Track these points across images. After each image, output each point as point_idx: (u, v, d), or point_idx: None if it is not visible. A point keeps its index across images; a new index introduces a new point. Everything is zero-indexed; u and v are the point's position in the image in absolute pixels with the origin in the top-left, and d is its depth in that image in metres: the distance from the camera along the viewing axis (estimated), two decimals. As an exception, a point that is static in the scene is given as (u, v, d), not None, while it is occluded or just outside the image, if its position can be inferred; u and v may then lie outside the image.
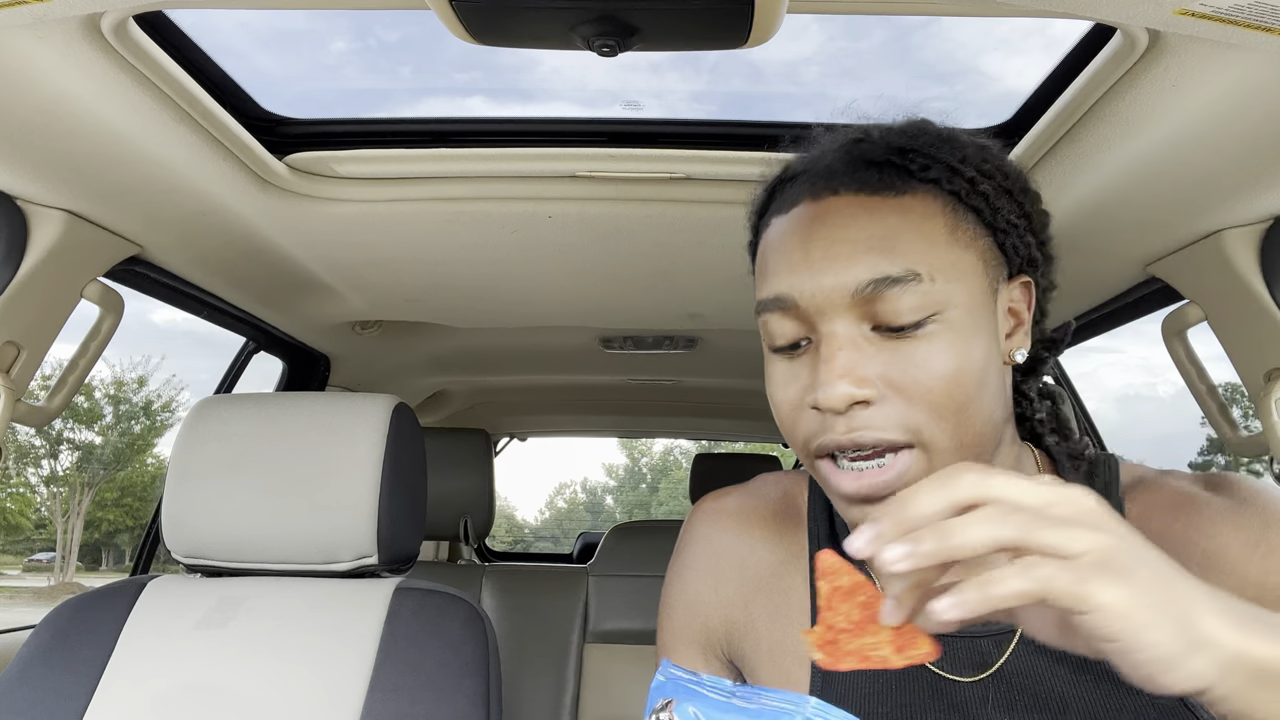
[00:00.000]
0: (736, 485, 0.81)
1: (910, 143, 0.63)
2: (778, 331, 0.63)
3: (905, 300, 0.58)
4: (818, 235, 0.61)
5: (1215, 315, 1.17)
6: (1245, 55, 0.74)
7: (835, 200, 0.62)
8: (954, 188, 0.62)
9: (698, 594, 0.76)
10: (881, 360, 0.59)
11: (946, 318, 0.59)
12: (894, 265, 0.58)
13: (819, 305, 0.60)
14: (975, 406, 0.59)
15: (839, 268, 0.59)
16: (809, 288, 0.60)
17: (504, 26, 0.74)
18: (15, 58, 0.80)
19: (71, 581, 20.50)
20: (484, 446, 2.26)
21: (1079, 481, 0.68)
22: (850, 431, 0.58)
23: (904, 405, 0.58)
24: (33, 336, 1.17)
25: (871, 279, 0.58)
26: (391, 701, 1.04)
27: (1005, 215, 0.63)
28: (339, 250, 1.38)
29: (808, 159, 0.67)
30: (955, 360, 0.58)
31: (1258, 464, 1.88)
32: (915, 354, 0.58)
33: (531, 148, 1.12)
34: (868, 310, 0.59)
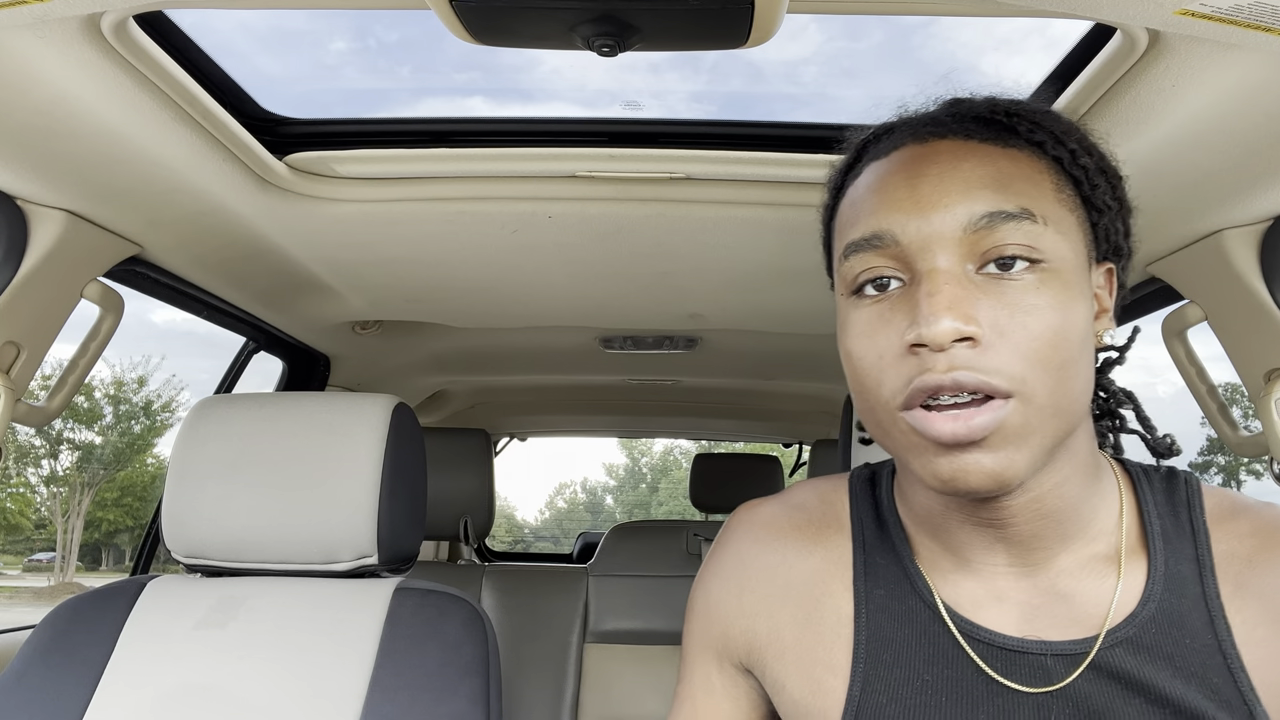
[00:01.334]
0: (772, 495, 0.78)
1: (1013, 106, 0.61)
2: (869, 272, 0.59)
3: (1017, 236, 0.55)
4: (926, 172, 0.58)
5: (1215, 315, 1.17)
6: (1245, 55, 0.74)
7: (943, 143, 0.60)
8: (1057, 154, 0.60)
9: (719, 601, 0.74)
10: (988, 303, 0.55)
11: (1054, 269, 0.56)
12: (1008, 202, 0.56)
13: (924, 241, 0.57)
14: (1075, 369, 0.56)
15: (950, 202, 0.56)
16: (914, 223, 0.57)
17: (504, 26, 0.74)
18: (15, 58, 0.80)
19: (71, 581, 20.49)
20: (484, 446, 2.26)
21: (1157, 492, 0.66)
22: (952, 370, 0.54)
23: (1009, 352, 0.54)
24: (33, 336, 1.17)
25: (987, 212, 0.56)
26: (391, 701, 1.04)
27: (1102, 194, 0.61)
28: (339, 250, 1.38)
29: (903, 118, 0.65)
30: (1061, 314, 0.55)
31: (1258, 464, 1.87)
32: (1023, 299, 0.55)
33: (531, 148, 1.12)
34: (975, 249, 0.56)
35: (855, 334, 0.60)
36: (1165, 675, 0.59)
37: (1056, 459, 0.59)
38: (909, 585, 0.66)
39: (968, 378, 0.54)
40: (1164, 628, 0.60)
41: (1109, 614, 0.61)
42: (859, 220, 0.61)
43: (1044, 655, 0.61)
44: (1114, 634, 0.60)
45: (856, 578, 0.68)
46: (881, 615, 0.66)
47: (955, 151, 0.59)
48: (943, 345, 0.54)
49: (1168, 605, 0.60)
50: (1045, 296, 0.55)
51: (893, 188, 0.59)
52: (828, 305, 1.89)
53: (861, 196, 0.62)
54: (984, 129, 0.60)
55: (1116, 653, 0.59)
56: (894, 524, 0.70)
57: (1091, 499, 0.63)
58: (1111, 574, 0.62)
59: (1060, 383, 0.55)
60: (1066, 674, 0.60)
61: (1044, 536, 0.62)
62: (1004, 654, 0.61)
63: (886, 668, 0.64)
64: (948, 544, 0.65)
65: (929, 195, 0.57)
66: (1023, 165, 0.59)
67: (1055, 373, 0.55)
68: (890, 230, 0.58)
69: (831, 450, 2.31)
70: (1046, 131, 0.60)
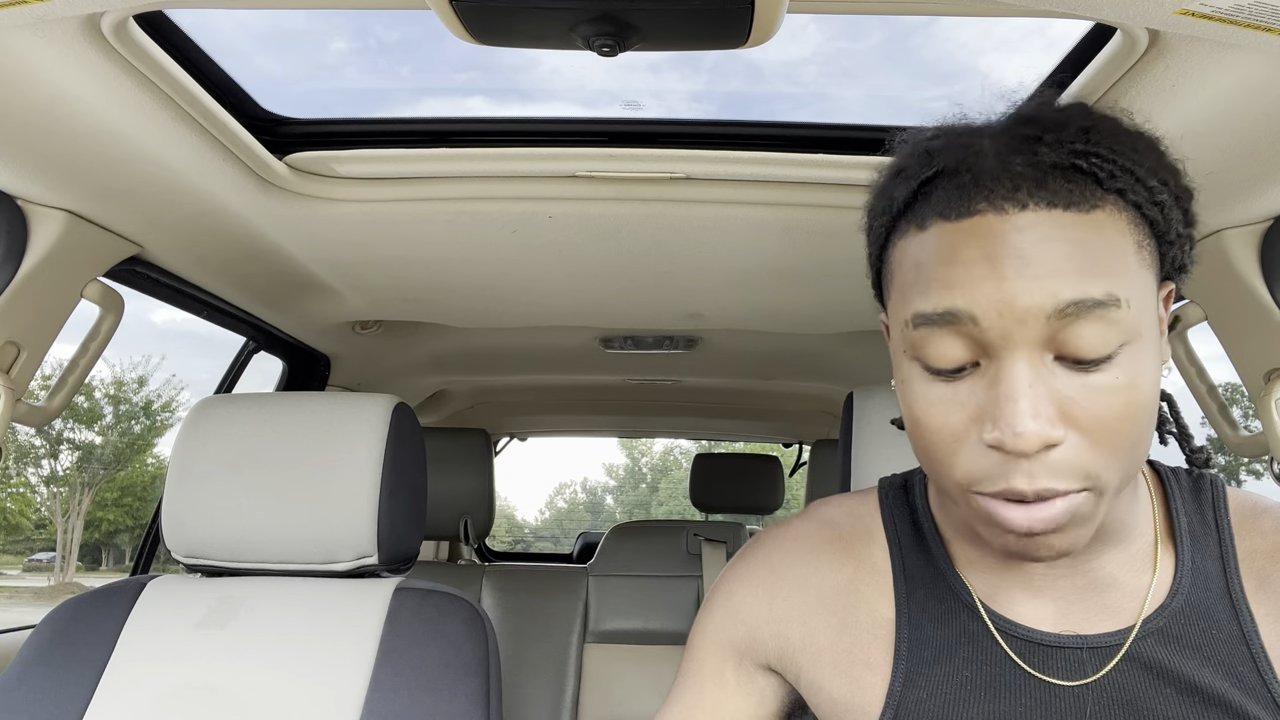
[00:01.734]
0: (796, 515, 0.78)
1: (1089, 144, 0.56)
2: (940, 352, 0.56)
3: (1100, 328, 0.53)
4: (1008, 250, 0.54)
5: (1215, 315, 1.17)
6: (1245, 55, 0.74)
7: (1024, 216, 0.54)
8: (1137, 198, 0.56)
9: (745, 604, 0.74)
10: (1064, 396, 0.53)
11: (1134, 347, 0.54)
12: (1097, 287, 0.53)
13: (1006, 327, 0.53)
14: (1146, 438, 0.56)
15: (1037, 286, 0.53)
16: (997, 305, 0.53)
17: (504, 26, 0.74)
18: (15, 58, 0.80)
19: (71, 581, 20.48)
20: (484, 446, 2.26)
21: (1185, 492, 0.68)
22: (1033, 479, 0.53)
23: (1087, 447, 0.53)
24: (33, 336, 1.17)
25: (1074, 299, 0.52)
26: (391, 701, 1.04)
27: (1176, 226, 0.58)
28: (339, 250, 1.38)
29: (970, 153, 0.58)
30: (1138, 394, 0.54)
31: (1258, 464, 1.86)
32: (1100, 388, 0.53)
33: (531, 148, 1.12)
34: (1055, 338, 0.53)
35: (927, 405, 0.58)
36: (1194, 664, 0.61)
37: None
38: (946, 585, 0.68)
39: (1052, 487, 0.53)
40: (1191, 619, 0.62)
41: (1143, 606, 0.63)
42: (930, 289, 0.56)
43: (1080, 649, 0.62)
44: (1147, 624, 0.62)
45: (896, 580, 0.69)
46: (922, 615, 0.67)
47: (1037, 227, 0.54)
48: (1029, 453, 0.52)
49: (1195, 598, 0.63)
50: (1124, 379, 0.53)
51: (969, 263, 0.55)
52: (829, 305, 1.90)
53: (931, 259, 0.57)
54: (1068, 186, 0.55)
55: (1149, 643, 0.62)
56: (930, 529, 0.71)
57: (1133, 508, 0.65)
58: (1146, 570, 0.64)
59: (1132, 461, 0.55)
60: (1101, 666, 0.62)
61: (1088, 547, 0.64)
62: (1041, 649, 0.63)
63: (927, 664, 0.65)
64: (987, 549, 0.67)
65: (1013, 277, 0.53)
66: (1106, 232, 0.54)
67: (1129, 453, 0.55)
68: (969, 310, 0.54)
69: (832, 450, 2.30)
70: (1126, 173, 0.56)
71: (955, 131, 0.60)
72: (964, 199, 0.56)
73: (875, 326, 1.76)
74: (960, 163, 0.57)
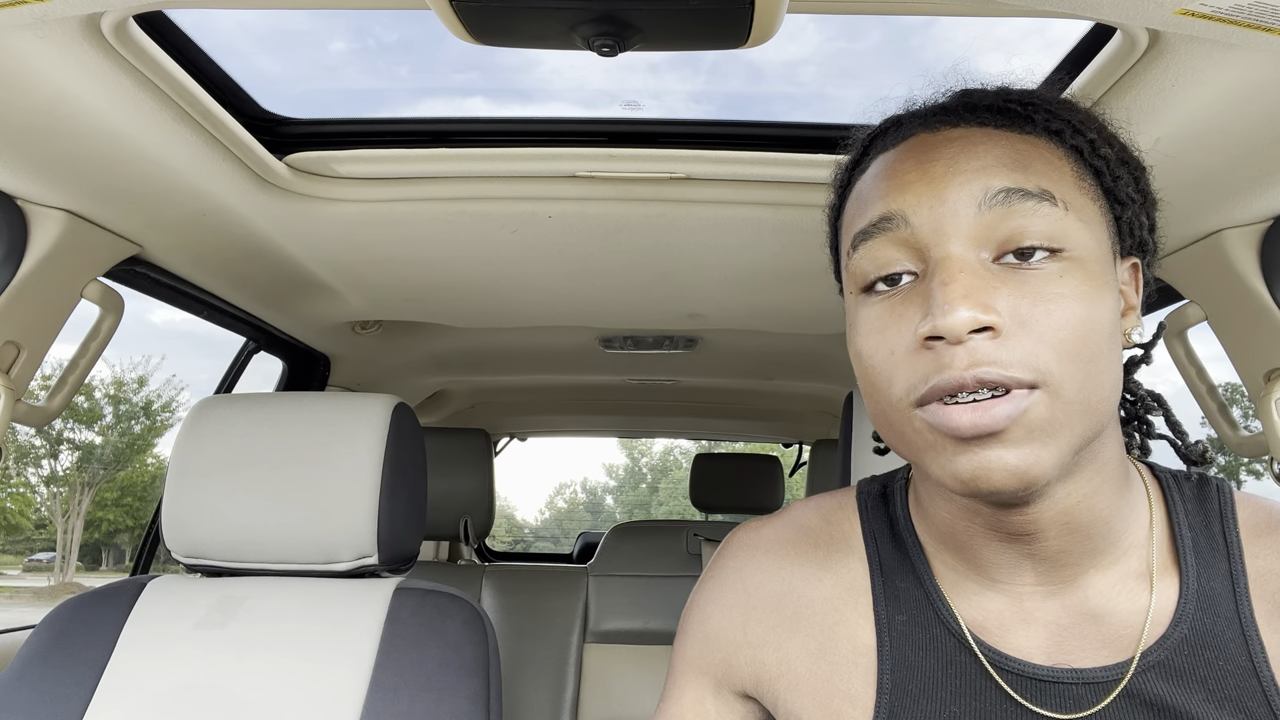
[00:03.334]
0: (771, 515, 0.74)
1: (1028, 96, 0.59)
2: (877, 257, 0.56)
3: (1037, 222, 0.52)
4: (939, 155, 0.55)
5: (1215, 315, 1.17)
6: (1245, 55, 0.74)
7: (956, 130, 0.57)
8: (1076, 144, 0.57)
9: (720, 628, 0.70)
10: (1007, 292, 0.52)
11: (1077, 258, 0.53)
12: (1027, 181, 0.53)
13: (936, 222, 0.53)
14: (1104, 364, 0.52)
15: (965, 180, 0.53)
16: (926, 203, 0.54)
17: (504, 26, 0.74)
18: (15, 58, 0.80)
19: (71, 581, 20.48)
20: (484, 446, 2.26)
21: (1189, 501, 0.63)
22: (973, 366, 0.50)
23: (1033, 342, 0.50)
24: (33, 336, 1.17)
25: (1003, 188, 0.52)
26: (391, 701, 1.04)
27: (1124, 186, 0.58)
28: (339, 250, 1.38)
29: (911, 111, 0.62)
30: (1087, 305, 0.52)
31: (1258, 464, 1.86)
32: (1046, 288, 0.51)
33: (531, 148, 1.12)
34: (991, 235, 0.53)
35: (865, 331, 0.57)
36: (1198, 700, 0.56)
37: (1085, 467, 0.56)
38: (932, 611, 0.63)
39: (990, 373, 0.50)
40: (1197, 650, 0.57)
41: (1142, 636, 0.58)
42: (867, 208, 0.58)
43: (1075, 684, 0.58)
44: (1146, 657, 0.57)
45: (876, 603, 0.64)
46: (905, 644, 0.62)
47: (969, 136, 0.56)
48: (960, 337, 0.50)
49: (1200, 626, 0.58)
50: (1069, 286, 0.52)
51: (903, 171, 0.56)
52: (828, 305, 1.90)
53: (869, 186, 0.59)
54: (998, 117, 0.58)
55: (1149, 678, 0.57)
56: (912, 543, 0.66)
57: (1122, 511, 0.60)
58: (1143, 592, 0.59)
59: (1089, 376, 0.52)
60: (1098, 701, 0.57)
61: (1073, 552, 0.58)
62: (1034, 684, 0.58)
63: (913, 699, 0.61)
64: (972, 561, 0.62)
65: (941, 174, 0.54)
66: (1041, 150, 0.56)
67: (1084, 366, 0.51)
68: (901, 211, 0.55)
69: (831, 450, 2.31)
70: (1064, 121, 0.58)
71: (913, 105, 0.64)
72: (900, 131, 0.60)
73: (875, 326, 1.76)
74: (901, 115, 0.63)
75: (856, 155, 0.65)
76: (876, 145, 0.63)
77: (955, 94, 0.62)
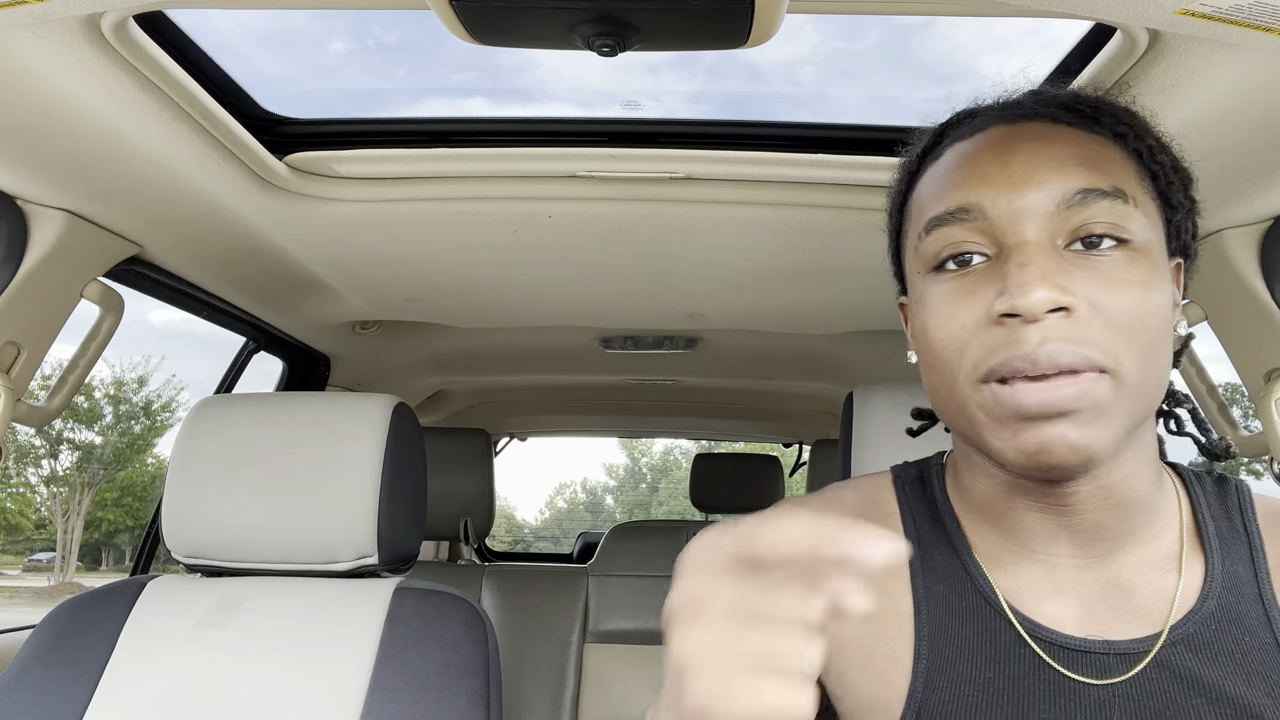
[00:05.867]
0: (810, 494, 0.77)
1: (1096, 99, 0.62)
2: (952, 239, 0.58)
3: (1109, 214, 0.55)
4: (1018, 149, 0.58)
5: (1215, 315, 1.17)
6: (1245, 55, 0.74)
7: (1032, 125, 0.60)
8: (1138, 147, 0.60)
9: None
10: (1080, 276, 0.54)
11: (1141, 249, 0.56)
12: (1102, 180, 0.56)
13: (1014, 215, 0.56)
14: (1160, 350, 0.56)
15: (1044, 178, 0.56)
16: (1005, 197, 0.56)
17: (504, 26, 0.74)
18: (15, 58, 0.80)
19: (71, 581, 20.47)
20: (484, 446, 2.26)
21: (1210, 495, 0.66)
22: (1045, 343, 0.52)
23: (1102, 325, 0.53)
24: (33, 336, 1.17)
25: (1081, 188, 0.55)
26: (391, 701, 1.04)
27: (1176, 192, 0.62)
28: (339, 250, 1.38)
29: (983, 105, 0.65)
30: (1149, 293, 0.55)
31: (1258, 464, 1.87)
32: (1114, 274, 0.54)
33: (531, 148, 1.12)
34: (1064, 225, 0.55)
35: (935, 306, 0.59)
36: (1226, 673, 0.58)
37: (1129, 447, 0.59)
38: (969, 581, 0.65)
39: (1063, 352, 0.52)
40: (1223, 625, 0.60)
41: (1171, 611, 0.61)
42: (943, 195, 0.60)
43: (1106, 654, 0.60)
44: (1175, 630, 0.60)
45: (914, 575, 0.67)
46: (942, 612, 0.65)
47: (1044, 133, 0.59)
48: (1037, 315, 0.52)
49: (1226, 603, 0.61)
50: (1134, 273, 0.55)
51: (982, 163, 0.59)
52: (828, 305, 1.90)
53: (946, 173, 0.61)
54: (1070, 115, 0.61)
55: (1178, 650, 0.59)
56: (950, 519, 0.68)
57: (1157, 494, 0.63)
58: (1172, 571, 0.62)
59: (1149, 360, 0.55)
60: (1128, 670, 0.59)
61: (1110, 528, 0.61)
62: (1066, 653, 0.61)
63: (949, 664, 0.63)
64: (1009, 532, 0.64)
65: (1021, 171, 0.57)
66: (1110, 150, 0.59)
67: (1146, 349, 0.54)
68: (979, 203, 0.57)
69: (831, 450, 2.31)
70: (1128, 125, 0.61)
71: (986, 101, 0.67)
72: (976, 122, 0.62)
73: (875, 326, 1.77)
74: (976, 108, 0.65)
75: (929, 142, 0.67)
76: (950, 134, 0.65)
77: (1027, 92, 0.64)
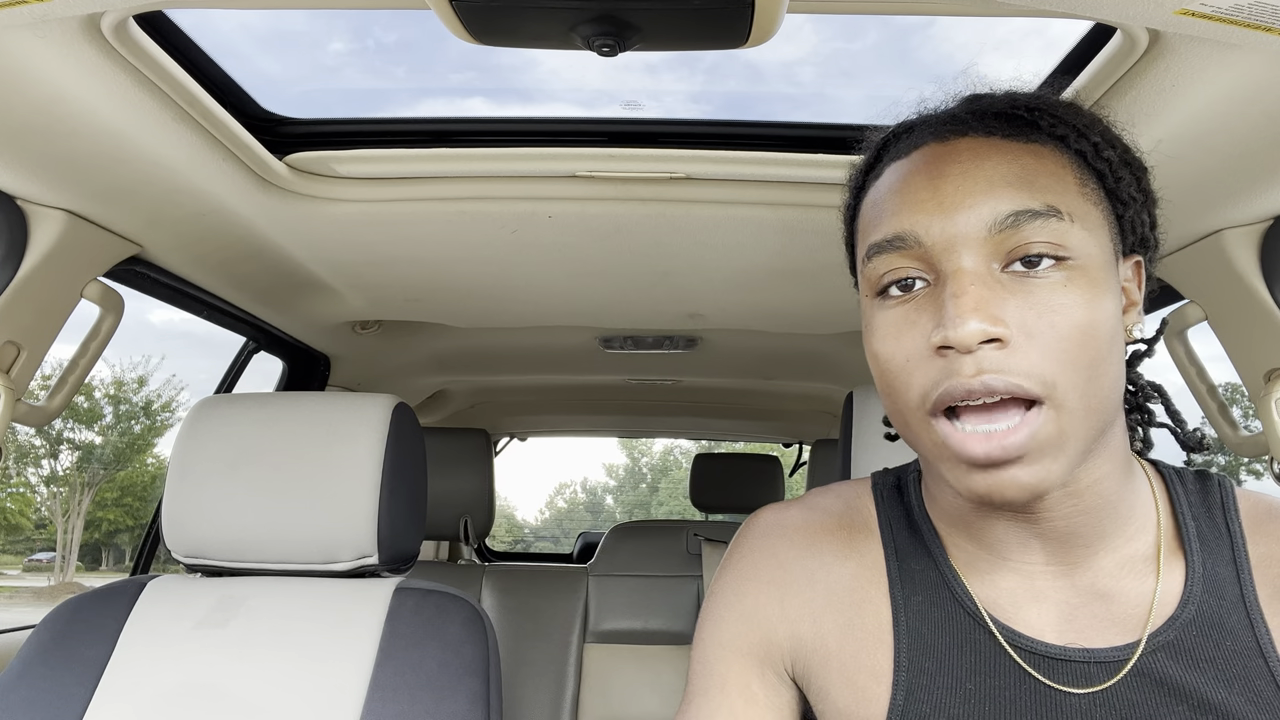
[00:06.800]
0: (793, 500, 0.76)
1: (1034, 101, 0.61)
2: (891, 268, 0.59)
3: (1044, 235, 0.55)
4: (948, 172, 0.58)
5: (1215, 315, 1.17)
6: (1245, 55, 0.74)
7: (964, 141, 0.59)
8: (1080, 148, 0.59)
9: (757, 605, 0.70)
10: (1015, 303, 0.55)
11: (1080, 265, 0.55)
12: (1034, 200, 0.55)
13: (948, 241, 0.56)
14: (1104, 367, 0.55)
15: (974, 202, 0.56)
16: (938, 224, 0.56)
17: (504, 26, 0.74)
18: (15, 58, 0.80)
19: (71, 581, 20.47)
20: (484, 446, 2.26)
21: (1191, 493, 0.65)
22: (980, 374, 0.53)
23: (1038, 354, 0.54)
24: (33, 336, 1.17)
25: (1012, 211, 0.55)
26: (391, 701, 1.04)
27: (1126, 187, 0.61)
28: (339, 250, 1.38)
29: (922, 116, 0.65)
30: (1089, 312, 0.54)
31: (1258, 464, 1.87)
32: (1050, 298, 0.54)
33: (531, 148, 1.12)
34: (1000, 248, 0.55)
35: (881, 336, 0.59)
36: (1207, 679, 0.58)
37: (1093, 455, 0.58)
38: (947, 590, 0.65)
39: (997, 381, 0.53)
40: (1205, 630, 0.59)
41: (1149, 616, 0.60)
42: (881, 222, 0.60)
43: (1086, 663, 0.60)
44: (1155, 638, 0.59)
45: (892, 585, 0.67)
46: (921, 622, 0.64)
47: (977, 149, 0.59)
48: (970, 347, 0.53)
49: (1207, 607, 0.60)
50: (1073, 295, 0.55)
51: (915, 188, 0.59)
52: (828, 305, 1.90)
53: (883, 197, 0.61)
54: (1005, 125, 0.60)
55: (1159, 658, 0.59)
56: (927, 528, 0.68)
57: (1128, 496, 0.62)
58: (1150, 574, 0.62)
59: (1090, 382, 0.55)
60: (1108, 679, 0.59)
61: (1082, 534, 0.61)
62: (1046, 661, 0.60)
63: (930, 676, 0.62)
64: (983, 542, 0.64)
65: (952, 195, 0.57)
66: (1046, 161, 0.58)
67: (1085, 372, 0.54)
68: (913, 231, 0.57)
69: (831, 450, 2.30)
70: (1069, 126, 0.60)
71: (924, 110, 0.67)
72: (912, 140, 0.63)
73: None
74: (914, 120, 0.65)
75: (870, 158, 0.67)
76: (890, 150, 0.65)
77: (964, 100, 0.64)
